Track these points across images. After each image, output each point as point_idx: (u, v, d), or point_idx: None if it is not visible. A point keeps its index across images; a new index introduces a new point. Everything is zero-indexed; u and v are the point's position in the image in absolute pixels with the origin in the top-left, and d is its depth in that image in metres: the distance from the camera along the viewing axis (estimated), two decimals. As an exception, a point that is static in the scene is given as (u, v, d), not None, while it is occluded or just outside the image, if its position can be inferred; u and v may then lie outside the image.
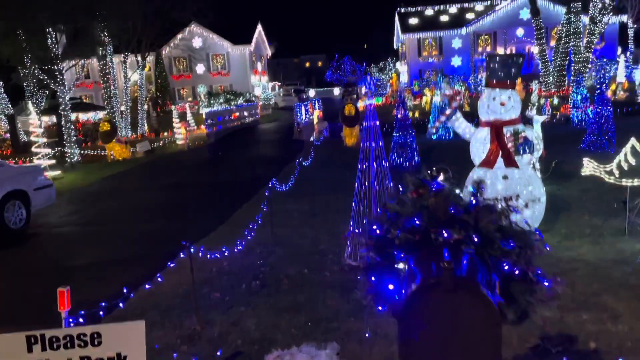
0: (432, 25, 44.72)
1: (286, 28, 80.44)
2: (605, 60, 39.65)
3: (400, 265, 1.90)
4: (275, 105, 44.37)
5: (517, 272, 1.71)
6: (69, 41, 22.72)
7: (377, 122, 6.69)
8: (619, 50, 43.91)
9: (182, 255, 5.01)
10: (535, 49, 38.70)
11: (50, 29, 18.84)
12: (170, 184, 13.45)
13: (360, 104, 22.96)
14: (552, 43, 38.40)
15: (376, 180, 6.70)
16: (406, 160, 12.65)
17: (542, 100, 22.98)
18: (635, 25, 45.80)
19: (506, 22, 42.48)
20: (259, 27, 51.78)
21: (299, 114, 22.37)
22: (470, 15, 44.71)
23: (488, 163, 6.72)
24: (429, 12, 46.71)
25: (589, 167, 6.71)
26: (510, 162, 6.56)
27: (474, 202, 1.85)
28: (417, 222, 1.79)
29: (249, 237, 6.98)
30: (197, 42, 46.35)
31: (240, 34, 47.67)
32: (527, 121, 8.80)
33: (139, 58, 29.80)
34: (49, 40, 18.98)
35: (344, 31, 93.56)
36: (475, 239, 1.69)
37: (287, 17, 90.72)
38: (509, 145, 6.62)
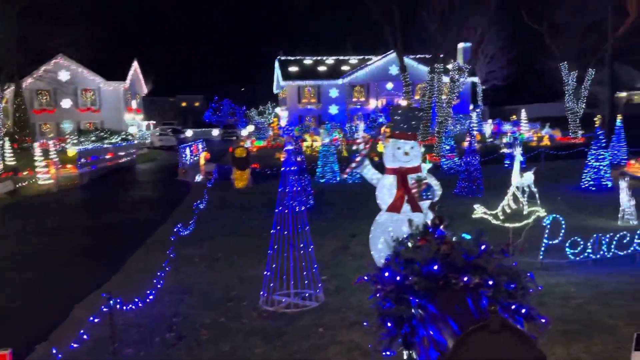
0: (312, 74, 46.93)
1: (163, 66, 78.56)
2: (461, 115, 44.55)
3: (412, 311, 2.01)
4: (151, 144, 42.59)
5: (523, 311, 1.92)
6: None
7: (295, 168, 6.85)
8: (471, 106, 49.85)
9: (104, 309, 4.57)
10: (403, 102, 42.32)
11: None
12: (46, 228, 12.14)
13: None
14: (417, 97, 42.42)
15: (293, 224, 6.78)
16: (302, 204, 12.89)
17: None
18: (483, 86, 52.61)
19: (378, 75, 46.10)
20: (135, 64, 49.95)
21: (183, 155, 21.73)
22: (345, 67, 47.77)
23: (395, 208, 7.17)
24: (308, 61, 49.00)
25: (479, 211, 7.48)
26: (415, 207, 7.07)
27: (483, 247, 2.04)
28: (436, 268, 1.93)
29: (159, 286, 6.57)
30: (64, 76, 43.20)
31: (115, 70, 45.49)
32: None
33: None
34: None
35: (222, 73, 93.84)
36: (491, 283, 1.88)
37: (165, 56, 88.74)
38: (414, 191, 7.15)
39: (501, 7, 35.96)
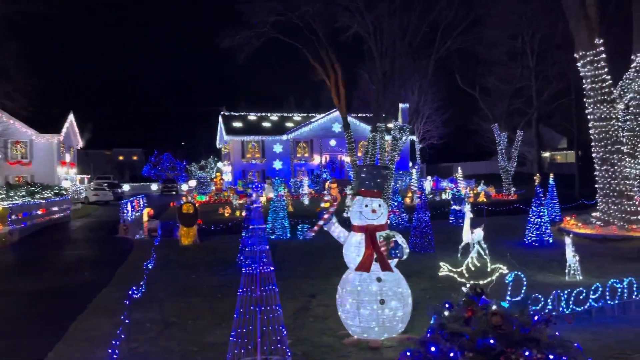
0: (256, 129, 47.29)
1: (101, 118, 75.95)
2: (401, 172, 45.78)
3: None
4: (86, 199, 40.57)
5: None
6: None
7: (264, 225, 6.60)
8: (410, 163, 51.65)
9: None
10: (347, 159, 43.22)
11: None
12: (-30, 293, 10.94)
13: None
14: (360, 154, 43.44)
15: (261, 285, 6.46)
16: (269, 264, 12.49)
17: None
18: (420, 145, 54.89)
19: (321, 132, 47.12)
20: (71, 117, 48.27)
21: (125, 211, 20.77)
22: (290, 124, 48.57)
23: (364, 267, 7.03)
24: (252, 117, 49.40)
25: (444, 269, 7.48)
26: (385, 266, 6.96)
27: (536, 318, 1.93)
28: (493, 342, 1.79)
29: (115, 356, 5.96)
30: (-7, 128, 40.81)
31: (50, 122, 43.66)
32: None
33: None
34: None
35: (162, 126, 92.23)
36: (552, 357, 1.76)
37: (103, 108, 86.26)
38: (382, 249, 7.06)
39: (437, 71, 38.32)
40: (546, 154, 61.48)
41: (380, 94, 31.95)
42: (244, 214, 27.35)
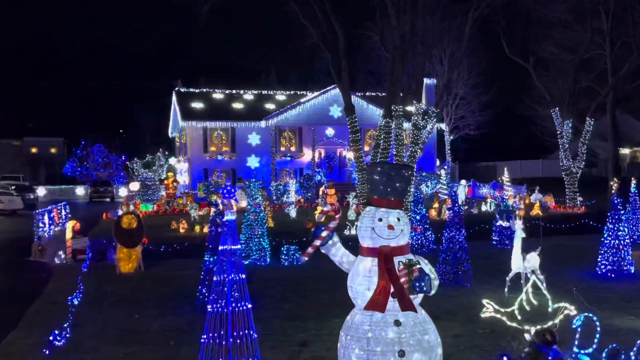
0: (223, 113, 47.09)
1: (5, 96, 75.54)
2: (425, 173, 45.87)
3: None
4: (-15, 208, 40.50)
5: None
6: None
7: (238, 246, 6.60)
8: (437, 162, 51.84)
9: None
10: (349, 154, 43.31)
11: None
12: None
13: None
14: (366, 148, 43.53)
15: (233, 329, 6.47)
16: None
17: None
18: (451, 136, 55.10)
19: (314, 117, 47.11)
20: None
21: (40, 225, 20.81)
22: (270, 106, 48.48)
23: (377, 305, 6.99)
24: (219, 95, 49.29)
25: (489, 309, 7.52)
26: (406, 304, 6.94)
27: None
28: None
29: None
30: None
31: None
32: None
33: None
34: None
35: (92, 108, 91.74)
36: None
37: (8, 82, 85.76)
38: (402, 280, 7.04)
39: (475, 34, 38.45)
40: (625, 151, 61.78)
41: (396, 66, 32.08)
42: (206, 229, 27.30)
